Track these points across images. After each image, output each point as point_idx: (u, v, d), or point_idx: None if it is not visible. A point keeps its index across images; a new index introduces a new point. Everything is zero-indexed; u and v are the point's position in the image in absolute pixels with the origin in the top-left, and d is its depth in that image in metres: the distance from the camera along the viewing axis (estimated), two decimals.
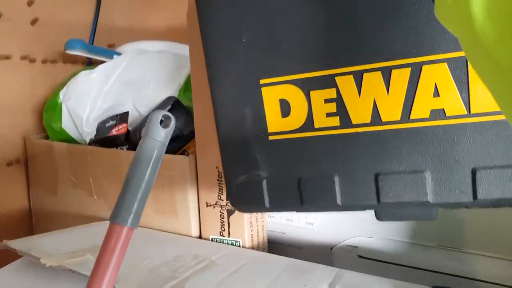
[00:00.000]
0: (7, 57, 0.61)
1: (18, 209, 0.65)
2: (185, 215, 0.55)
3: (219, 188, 0.53)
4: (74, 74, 0.66)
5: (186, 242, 0.53)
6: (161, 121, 0.35)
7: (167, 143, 0.36)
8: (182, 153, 0.58)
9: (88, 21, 0.76)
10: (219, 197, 0.54)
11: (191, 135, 0.58)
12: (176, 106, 0.56)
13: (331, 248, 0.59)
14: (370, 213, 0.55)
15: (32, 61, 0.66)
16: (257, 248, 0.56)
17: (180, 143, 0.58)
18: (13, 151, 0.63)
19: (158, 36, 0.85)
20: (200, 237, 0.56)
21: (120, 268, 0.33)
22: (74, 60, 0.72)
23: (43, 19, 0.66)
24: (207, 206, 0.55)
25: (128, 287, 0.38)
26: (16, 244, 0.44)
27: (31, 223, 0.66)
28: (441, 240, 0.53)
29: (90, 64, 0.76)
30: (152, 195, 0.47)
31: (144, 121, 0.55)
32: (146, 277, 0.41)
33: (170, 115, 0.35)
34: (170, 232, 0.56)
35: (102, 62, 0.73)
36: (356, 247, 0.57)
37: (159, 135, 0.35)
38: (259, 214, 0.57)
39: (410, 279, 0.44)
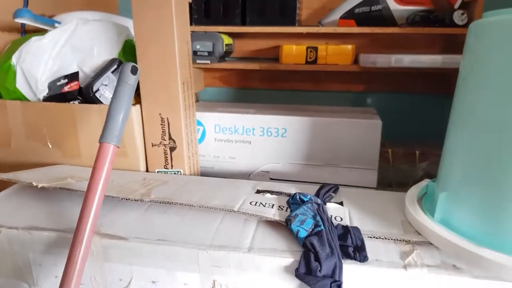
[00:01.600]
0: None
1: None
2: (134, 154, 0.68)
3: (162, 131, 0.67)
4: (17, 42, 0.73)
5: (139, 173, 0.67)
6: (131, 70, 0.49)
7: (135, 86, 0.50)
8: None
9: None
10: (162, 138, 0.68)
11: None
12: (120, 65, 0.68)
13: (249, 175, 0.78)
14: (276, 145, 0.74)
15: None
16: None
17: None
18: None
19: (80, 6, 0.93)
20: (147, 171, 0.70)
21: None
22: (10, 29, 0.78)
23: None
24: (152, 146, 0.68)
25: (110, 193, 0.51)
26: (5, 175, 0.54)
27: None
28: (325, 160, 0.74)
29: (25, 33, 0.81)
30: None
31: (94, 79, 0.66)
32: (120, 189, 0.54)
33: (137, 66, 0.49)
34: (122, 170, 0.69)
35: (36, 31, 0.80)
36: (268, 171, 0.76)
37: (130, 80, 0.49)
38: (193, 152, 0.72)
39: (306, 190, 0.62)
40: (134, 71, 0.49)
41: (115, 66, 0.68)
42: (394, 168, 0.85)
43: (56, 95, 0.67)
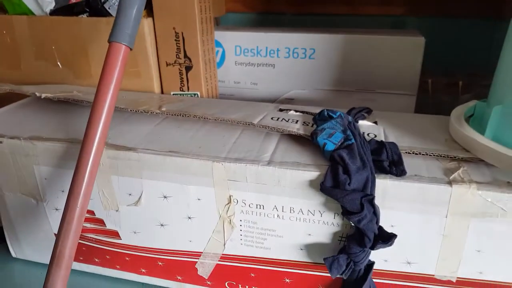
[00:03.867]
0: None
1: None
2: (148, 74, 0.63)
3: (176, 48, 0.61)
4: None
5: (154, 94, 0.62)
6: None
7: None
8: None
9: None
10: (177, 56, 0.62)
11: None
12: None
13: (273, 102, 0.71)
14: (303, 68, 0.68)
15: None
16: None
17: None
18: None
19: None
20: (162, 93, 0.65)
21: None
22: None
23: None
24: (167, 65, 0.63)
25: (120, 105, 0.46)
26: (7, 86, 0.50)
27: None
28: (358, 85, 0.67)
29: None
30: None
31: None
32: (134, 101, 0.50)
33: None
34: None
35: None
36: (293, 99, 0.70)
37: None
38: (211, 74, 0.66)
39: None
40: None
41: None
42: (434, 99, 0.77)
43: (63, 8, 0.62)
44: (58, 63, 0.64)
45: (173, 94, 0.64)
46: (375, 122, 0.50)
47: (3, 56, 0.67)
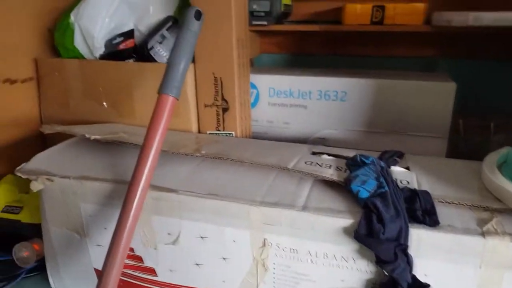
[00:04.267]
0: None
1: (29, 121, 0.73)
2: (186, 115, 0.66)
3: (215, 91, 0.65)
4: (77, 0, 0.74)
5: (191, 134, 0.65)
6: (195, 15, 0.46)
7: (198, 33, 0.47)
8: None
9: None
10: (215, 99, 0.65)
11: None
12: (176, 23, 0.66)
13: (304, 141, 0.73)
14: (335, 110, 0.69)
15: None
16: None
17: None
18: (25, 71, 0.71)
19: None
20: (199, 133, 0.68)
21: None
22: None
23: None
24: (205, 106, 0.66)
25: (165, 147, 0.49)
26: (59, 128, 0.54)
27: (42, 134, 0.74)
28: (389, 127, 0.68)
29: None
30: None
31: (148, 37, 0.65)
32: (171, 145, 0.53)
33: (201, 10, 0.46)
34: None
35: None
36: (324, 138, 0.72)
37: (194, 26, 0.46)
38: (246, 114, 0.69)
39: None
40: (198, 16, 0.46)
41: (170, 23, 0.66)
42: (465, 140, 0.77)
43: (112, 53, 0.67)
44: (104, 103, 0.69)
45: (209, 133, 0.67)
46: (407, 168, 0.51)
47: (55, 95, 0.72)
